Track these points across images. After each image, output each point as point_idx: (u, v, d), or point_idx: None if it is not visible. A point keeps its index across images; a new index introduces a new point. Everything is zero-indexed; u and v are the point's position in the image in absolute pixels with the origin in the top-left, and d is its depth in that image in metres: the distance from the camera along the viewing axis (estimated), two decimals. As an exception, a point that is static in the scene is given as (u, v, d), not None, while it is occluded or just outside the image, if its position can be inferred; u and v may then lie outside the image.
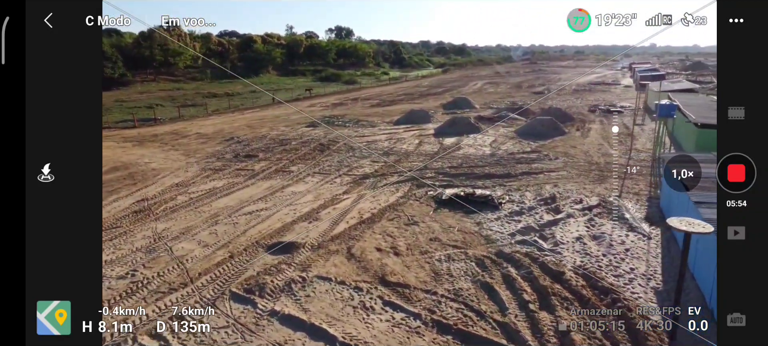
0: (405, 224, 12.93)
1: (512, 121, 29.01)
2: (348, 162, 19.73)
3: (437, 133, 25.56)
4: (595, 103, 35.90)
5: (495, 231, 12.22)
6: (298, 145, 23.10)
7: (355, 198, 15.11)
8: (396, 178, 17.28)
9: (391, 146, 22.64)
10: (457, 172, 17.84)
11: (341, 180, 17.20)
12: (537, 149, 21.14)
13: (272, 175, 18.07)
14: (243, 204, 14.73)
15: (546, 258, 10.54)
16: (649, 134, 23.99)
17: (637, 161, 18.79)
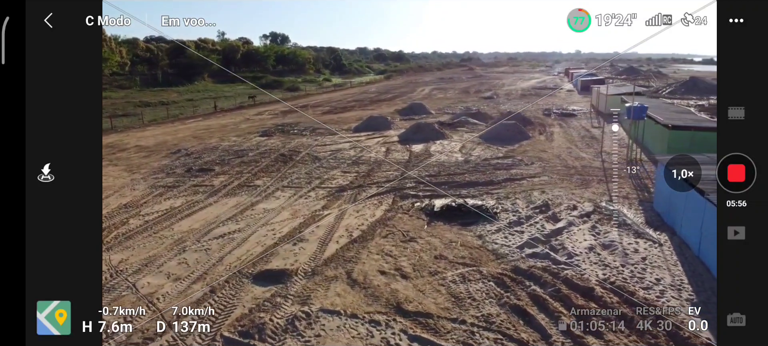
0: (402, 241, 11.77)
1: (473, 126, 28.71)
2: (317, 173, 18.26)
3: (402, 140, 24.63)
4: (547, 107, 36.59)
5: (501, 244, 11.36)
6: (256, 157, 21.27)
7: (337, 214, 13.75)
8: (375, 189, 16.08)
9: (358, 155, 21.39)
10: (437, 180, 16.93)
11: (316, 194, 15.74)
12: (509, 154, 20.73)
13: (236, 190, 16.26)
14: (210, 226, 12.93)
15: (566, 272, 9.79)
16: (609, 136, 24.37)
17: (612, 164, 18.81)
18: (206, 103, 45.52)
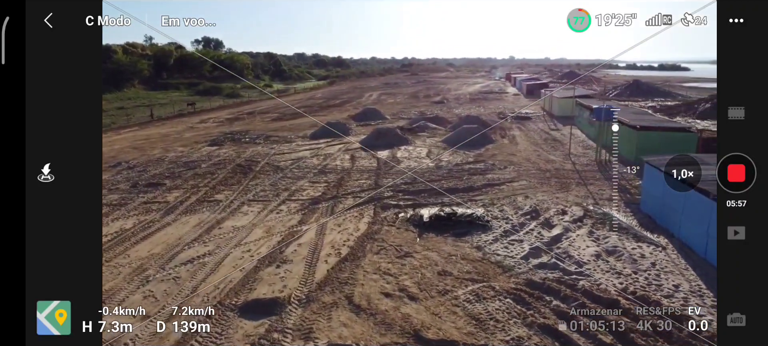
0: (397, 257, 10.76)
1: (433, 130, 28.24)
2: (284, 185, 16.84)
3: (365, 146, 23.61)
4: (500, 110, 36.95)
5: (503, 255, 10.65)
6: (210, 168, 19.44)
7: (316, 229, 12.51)
8: (352, 200, 14.96)
9: (323, 163, 20.13)
10: (415, 188, 16.08)
11: (288, 207, 14.38)
12: (479, 159, 20.29)
13: (196, 207, 14.55)
14: (174, 249, 11.28)
15: (581, 283, 9.22)
16: (559, 137, 24.70)
17: (583, 166, 18.83)
18: (140, 111, 42.16)
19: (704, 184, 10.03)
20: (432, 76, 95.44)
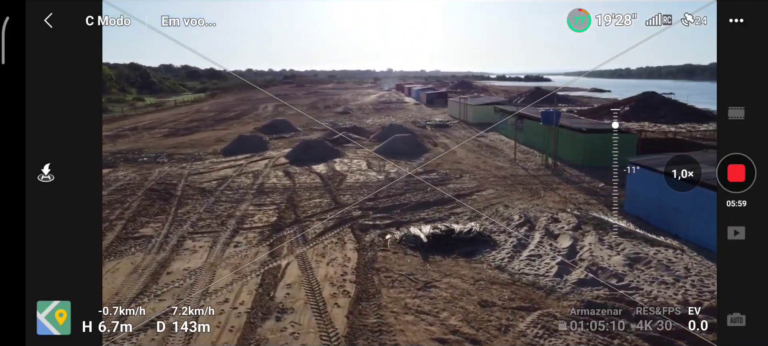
0: (418, 289, 8.99)
1: (356, 141, 26.64)
2: (223, 211, 13.95)
3: (294, 161, 21.20)
4: (412, 119, 36.59)
5: (533, 275, 9.48)
6: (117, 196, 15.60)
7: (298, 264, 10.19)
8: (321, 224, 12.73)
9: (256, 182, 17.37)
10: (383, 204, 14.37)
11: (245, 238, 11.70)
12: (427, 169, 19.21)
13: (120, 247, 11.16)
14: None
15: (635, 298, 8.37)
16: (489, 143, 24.90)
17: (535, 171, 18.66)
18: None
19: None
20: (320, 88, 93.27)
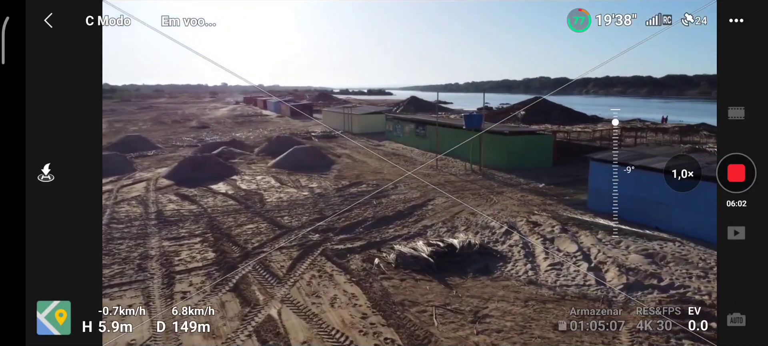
0: (470, 321, 7.61)
1: (242, 156, 23.73)
2: (130, 251, 10.80)
3: (184, 181, 17.76)
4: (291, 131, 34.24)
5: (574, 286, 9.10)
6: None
7: (292, 311, 7.92)
8: (283, 256, 10.31)
9: (151, 211, 14.15)
10: (339, 224, 12.76)
11: (191, 284, 8.87)
12: (352, 182, 18.35)
13: None
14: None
15: (687, 294, 8.25)
16: (393, 151, 24.37)
17: (467, 176, 18.21)
18: None
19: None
20: (156, 103, 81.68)
